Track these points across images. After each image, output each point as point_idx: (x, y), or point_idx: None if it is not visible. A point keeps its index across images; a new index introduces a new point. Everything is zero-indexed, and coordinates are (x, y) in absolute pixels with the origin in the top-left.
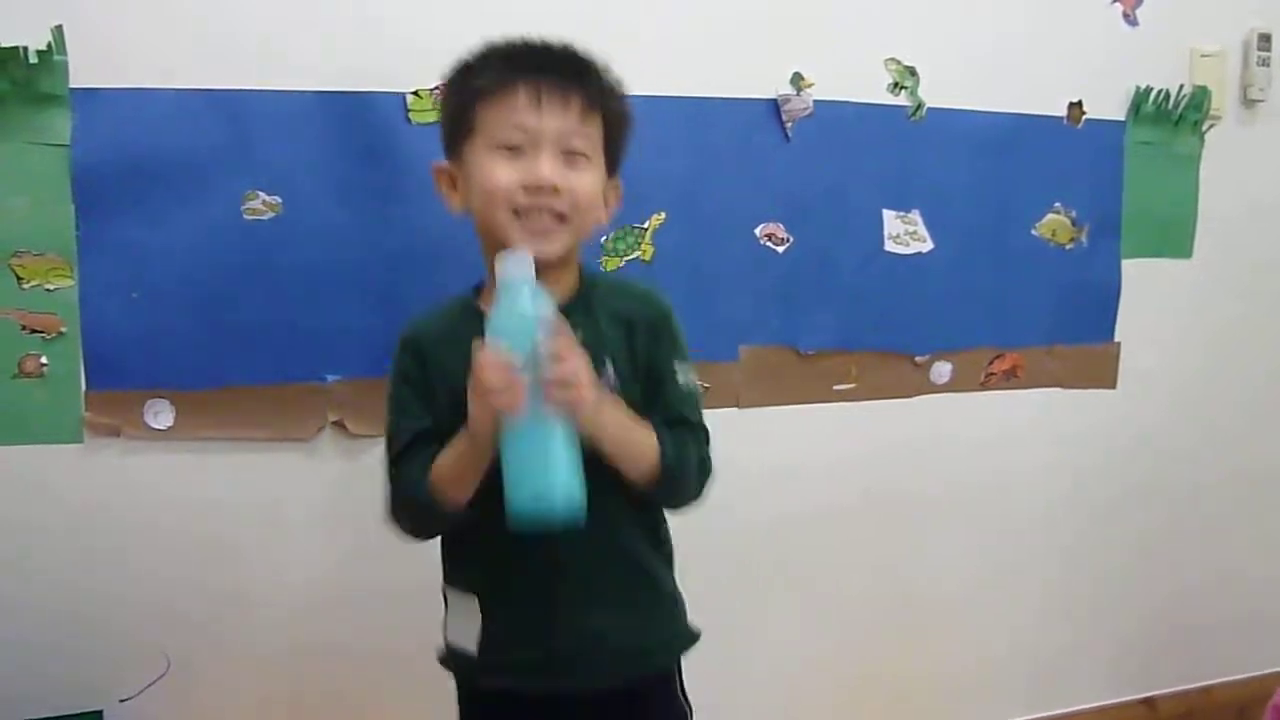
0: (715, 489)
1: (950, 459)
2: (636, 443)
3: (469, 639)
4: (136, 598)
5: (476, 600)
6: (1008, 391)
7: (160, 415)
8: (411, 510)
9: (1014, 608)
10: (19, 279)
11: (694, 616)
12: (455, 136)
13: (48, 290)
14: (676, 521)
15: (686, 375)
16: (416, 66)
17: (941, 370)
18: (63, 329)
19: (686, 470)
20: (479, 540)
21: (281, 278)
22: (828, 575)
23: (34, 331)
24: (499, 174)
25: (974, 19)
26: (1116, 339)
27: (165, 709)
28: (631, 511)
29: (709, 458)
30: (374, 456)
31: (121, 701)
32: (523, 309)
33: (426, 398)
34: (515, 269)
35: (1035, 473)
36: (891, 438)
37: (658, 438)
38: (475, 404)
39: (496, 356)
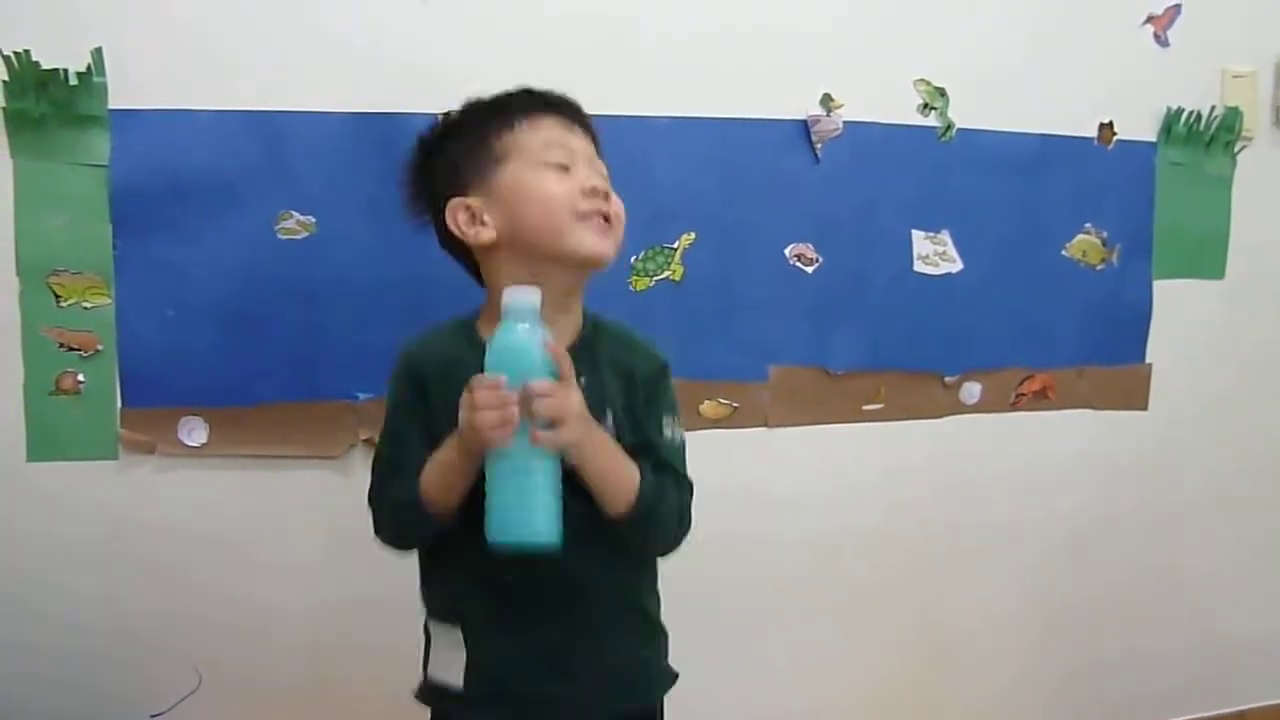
0: (743, 507)
1: (979, 480)
2: (619, 477)
3: (453, 673)
4: (170, 613)
5: (460, 633)
6: (1038, 413)
7: (194, 432)
8: (400, 514)
9: (1043, 629)
10: (57, 297)
11: (719, 632)
12: (480, 167)
13: (85, 308)
14: (705, 535)
15: (674, 429)
16: (449, 88)
17: (971, 391)
18: (99, 347)
19: (663, 513)
20: (464, 570)
21: (314, 297)
22: (854, 594)
23: (71, 349)
24: (555, 186)
25: (1004, 39)
26: (1148, 360)
27: None
28: (608, 556)
29: (689, 510)
30: None
31: (153, 717)
32: (523, 340)
33: (424, 428)
34: (521, 300)
35: (1065, 494)
36: (920, 458)
37: (640, 476)
38: (467, 424)
39: (493, 385)
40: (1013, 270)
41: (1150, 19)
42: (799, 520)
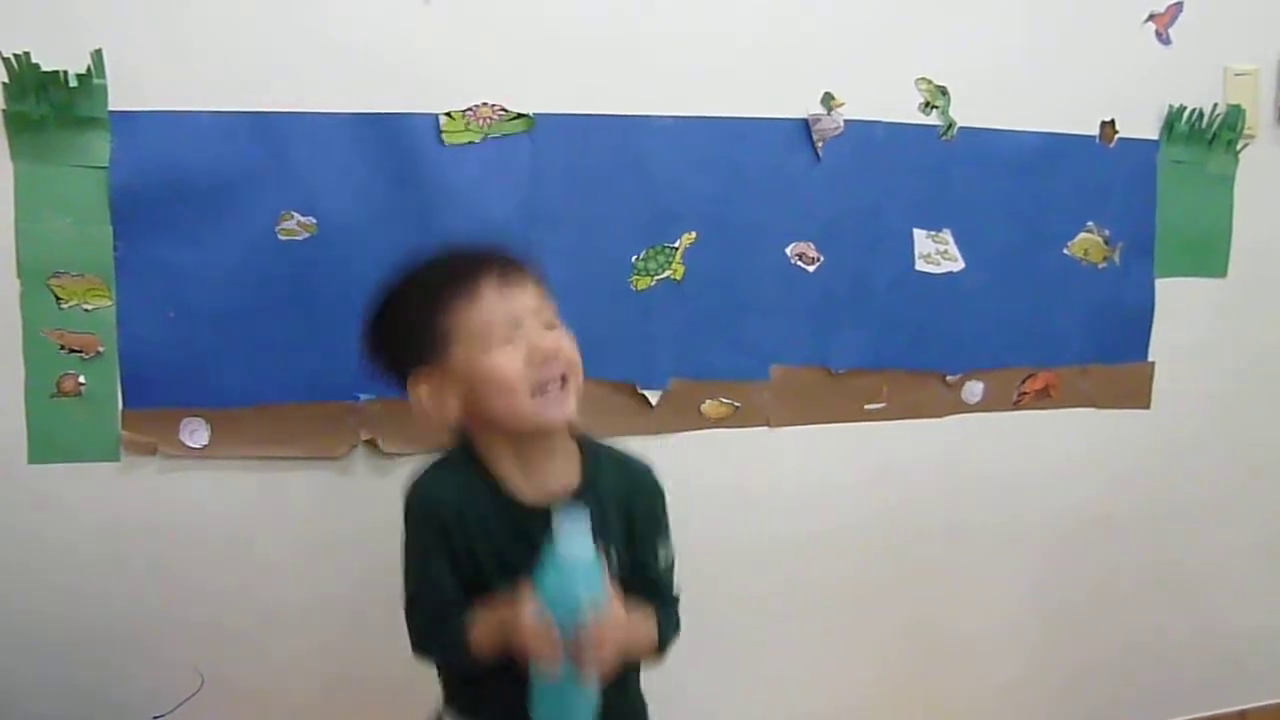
0: (745, 508)
1: (982, 479)
2: (644, 644)
3: None
4: (171, 614)
5: None
6: (1040, 411)
7: (196, 434)
8: (449, 659)
9: (1045, 628)
10: (58, 299)
11: (720, 632)
12: (428, 350)
13: (86, 310)
14: (707, 535)
15: (667, 552)
16: (449, 88)
17: (973, 390)
18: (100, 349)
19: (671, 638)
20: (494, 682)
21: (315, 297)
22: (856, 593)
23: (72, 351)
24: (504, 361)
25: (1005, 38)
26: (1150, 359)
27: None
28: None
29: (678, 617)
30: (405, 475)
31: (155, 718)
32: (576, 586)
33: (454, 568)
34: (575, 537)
35: (1067, 493)
36: (923, 457)
37: (656, 626)
38: (518, 644)
39: (548, 630)
40: (1015, 269)
41: (1152, 17)
42: (800, 520)
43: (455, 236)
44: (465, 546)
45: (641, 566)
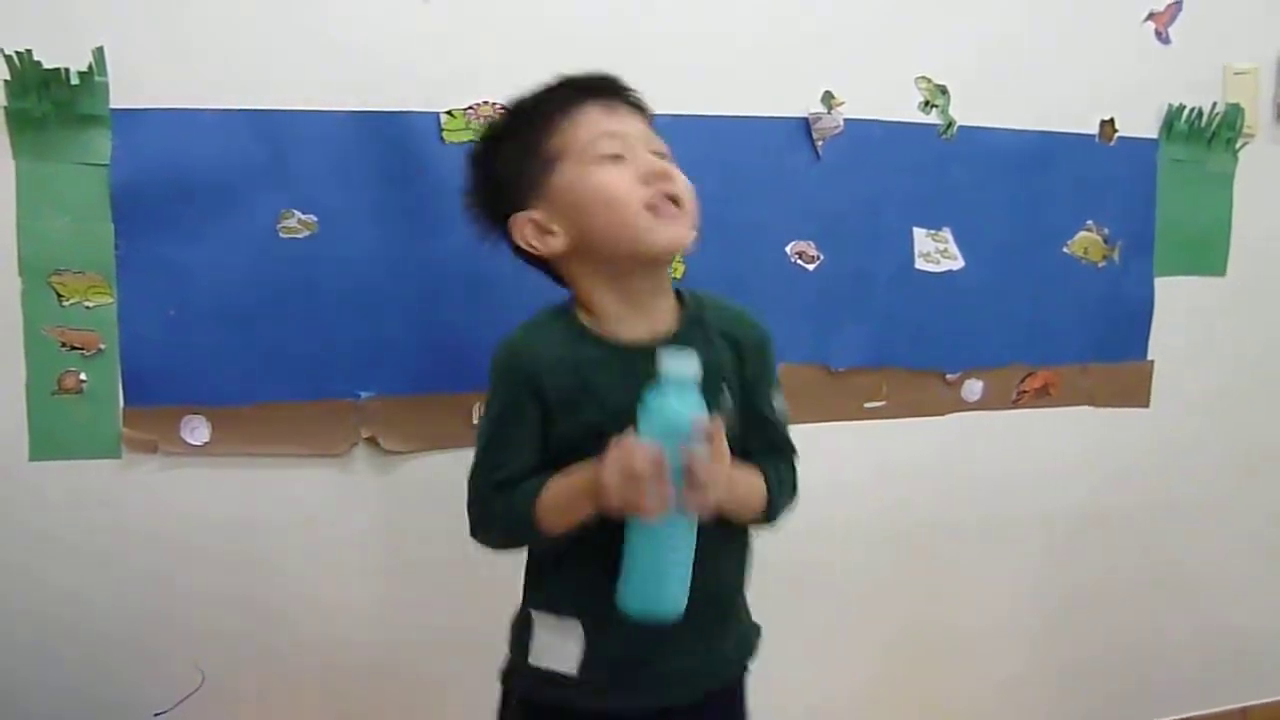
0: None
1: (982, 477)
2: (753, 499)
3: (565, 661)
4: (172, 612)
5: (580, 625)
6: (1040, 410)
7: (197, 431)
8: (509, 532)
9: (1045, 626)
10: (59, 296)
11: None
12: (533, 178)
13: (87, 308)
14: None
15: (780, 401)
16: (450, 86)
17: (973, 388)
18: (102, 346)
19: (784, 503)
20: (581, 570)
21: (316, 295)
22: (855, 591)
23: (74, 349)
24: (614, 178)
25: (1005, 37)
26: (1150, 357)
27: None
28: (734, 547)
29: (797, 478)
30: (406, 472)
31: (156, 716)
32: (681, 412)
33: (537, 433)
34: (679, 368)
35: (1067, 491)
36: (922, 455)
37: (765, 481)
38: (615, 488)
39: (653, 463)
40: (1014, 267)
41: (1151, 16)
42: (800, 518)
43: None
44: (564, 398)
45: (755, 407)
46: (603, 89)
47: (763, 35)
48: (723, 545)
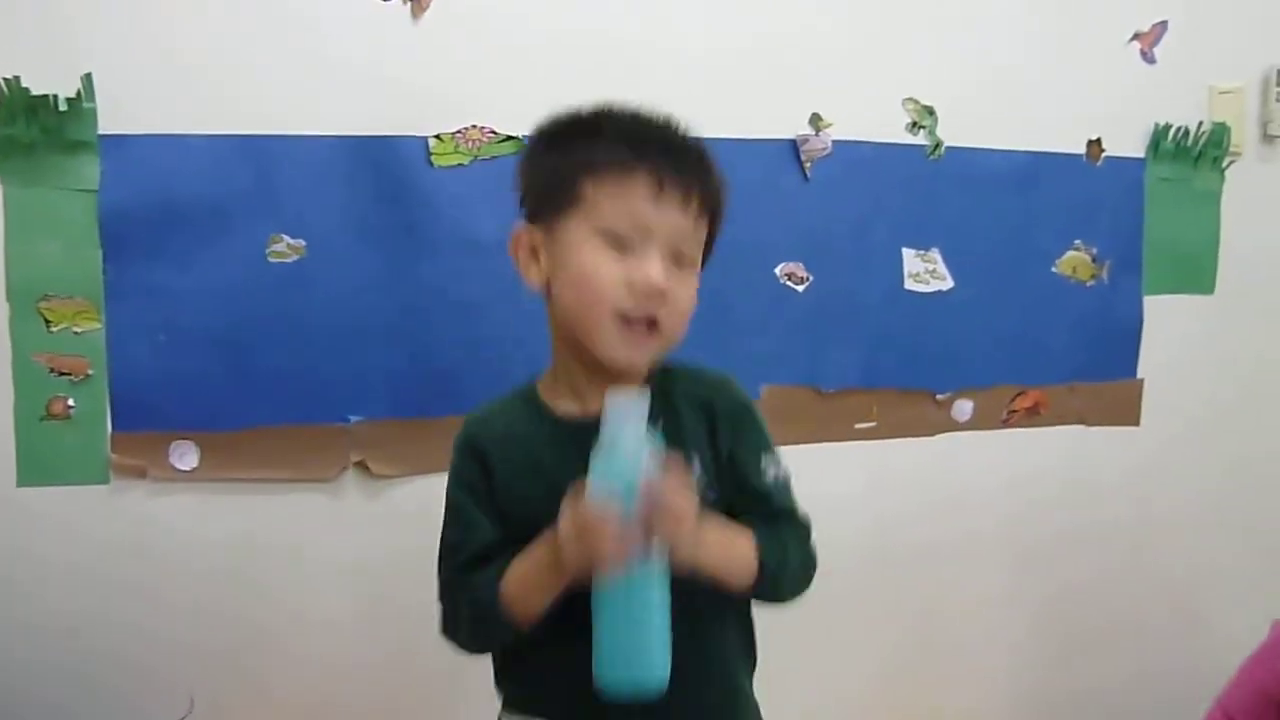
0: None
1: (972, 497)
2: (737, 557)
3: None
4: (161, 637)
5: None
6: (1030, 429)
7: (185, 456)
8: (478, 623)
9: (1036, 646)
10: (47, 322)
11: None
12: (549, 204)
13: (75, 333)
14: None
15: (776, 466)
16: (438, 111)
17: (963, 408)
18: (90, 371)
19: (787, 571)
20: (551, 664)
21: (305, 319)
22: (845, 613)
23: (62, 374)
24: (605, 269)
25: (992, 58)
26: (1139, 375)
27: None
28: (729, 626)
29: (813, 552)
30: (396, 497)
31: None
32: (629, 451)
33: (492, 507)
34: (623, 408)
35: (1058, 510)
36: (913, 476)
37: (756, 543)
38: (573, 545)
39: (607, 509)
40: (1003, 287)
41: (1137, 36)
42: None
43: (444, 258)
44: (511, 481)
45: (742, 480)
46: (668, 157)
47: (750, 58)
48: (716, 618)
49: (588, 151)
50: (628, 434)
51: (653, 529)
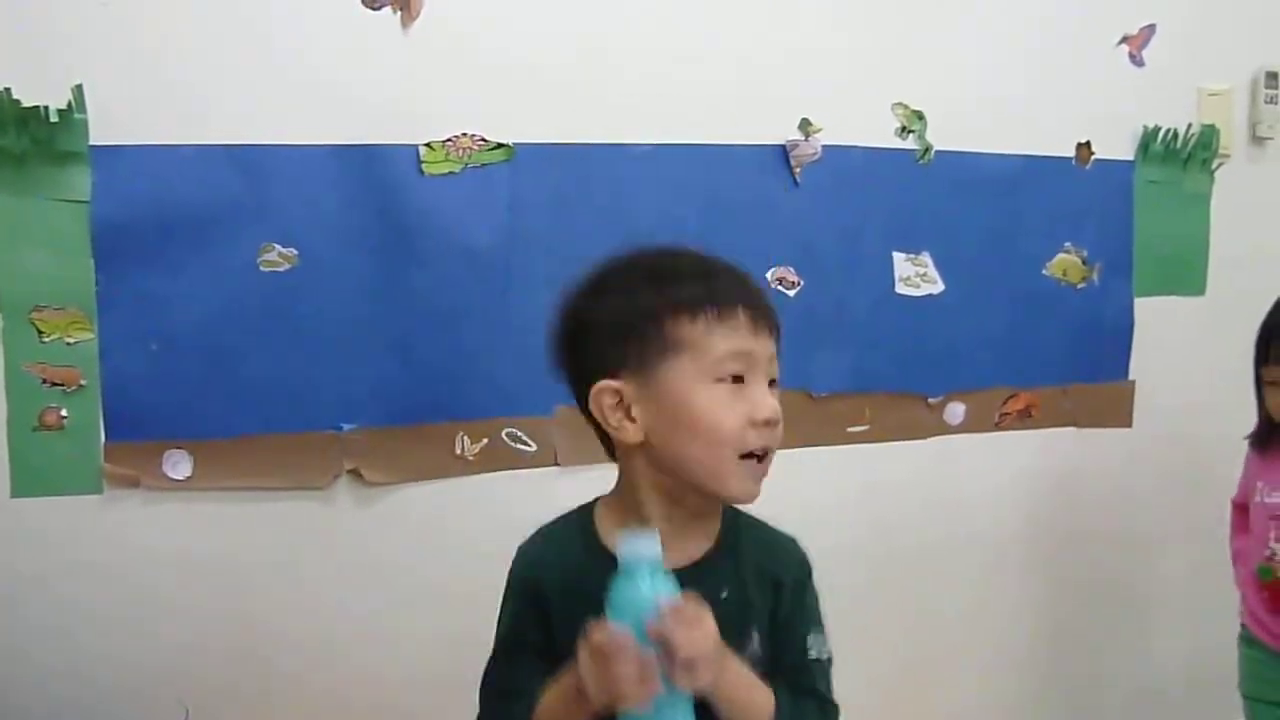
0: None
1: (965, 500)
2: (753, 704)
3: None
4: (155, 647)
5: None
6: (1022, 431)
7: (179, 465)
8: None
9: (1029, 649)
10: (40, 333)
11: None
12: (642, 351)
13: (68, 344)
14: None
15: (820, 646)
16: (428, 119)
17: (955, 411)
18: (83, 382)
19: None
20: None
21: (297, 328)
22: (839, 617)
23: (54, 384)
24: (725, 412)
25: (980, 62)
26: (1131, 377)
27: None
28: None
29: None
30: (389, 504)
31: None
32: (641, 591)
33: (542, 644)
34: (636, 551)
35: (1051, 512)
36: (906, 479)
37: (776, 703)
38: (591, 677)
39: (621, 642)
40: (994, 290)
41: (1125, 39)
42: None
43: (434, 266)
44: (569, 616)
45: (784, 649)
46: (753, 292)
47: (740, 64)
48: None
49: (690, 299)
50: (640, 573)
51: (671, 663)
